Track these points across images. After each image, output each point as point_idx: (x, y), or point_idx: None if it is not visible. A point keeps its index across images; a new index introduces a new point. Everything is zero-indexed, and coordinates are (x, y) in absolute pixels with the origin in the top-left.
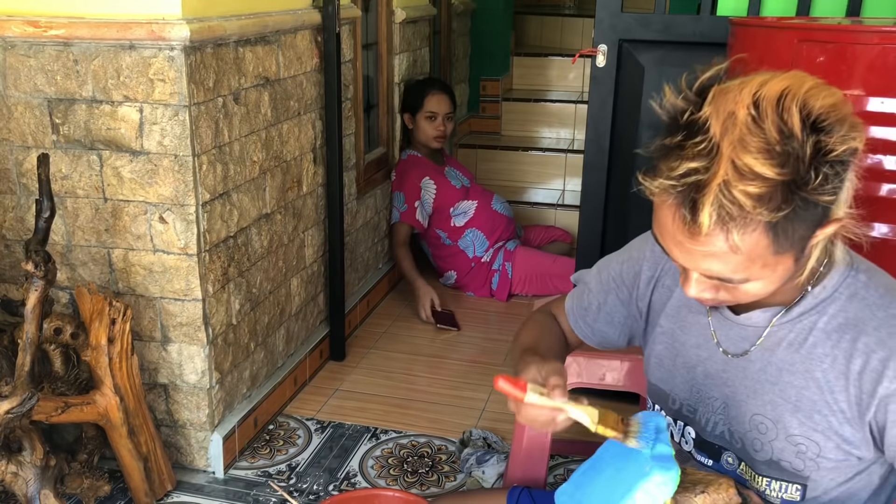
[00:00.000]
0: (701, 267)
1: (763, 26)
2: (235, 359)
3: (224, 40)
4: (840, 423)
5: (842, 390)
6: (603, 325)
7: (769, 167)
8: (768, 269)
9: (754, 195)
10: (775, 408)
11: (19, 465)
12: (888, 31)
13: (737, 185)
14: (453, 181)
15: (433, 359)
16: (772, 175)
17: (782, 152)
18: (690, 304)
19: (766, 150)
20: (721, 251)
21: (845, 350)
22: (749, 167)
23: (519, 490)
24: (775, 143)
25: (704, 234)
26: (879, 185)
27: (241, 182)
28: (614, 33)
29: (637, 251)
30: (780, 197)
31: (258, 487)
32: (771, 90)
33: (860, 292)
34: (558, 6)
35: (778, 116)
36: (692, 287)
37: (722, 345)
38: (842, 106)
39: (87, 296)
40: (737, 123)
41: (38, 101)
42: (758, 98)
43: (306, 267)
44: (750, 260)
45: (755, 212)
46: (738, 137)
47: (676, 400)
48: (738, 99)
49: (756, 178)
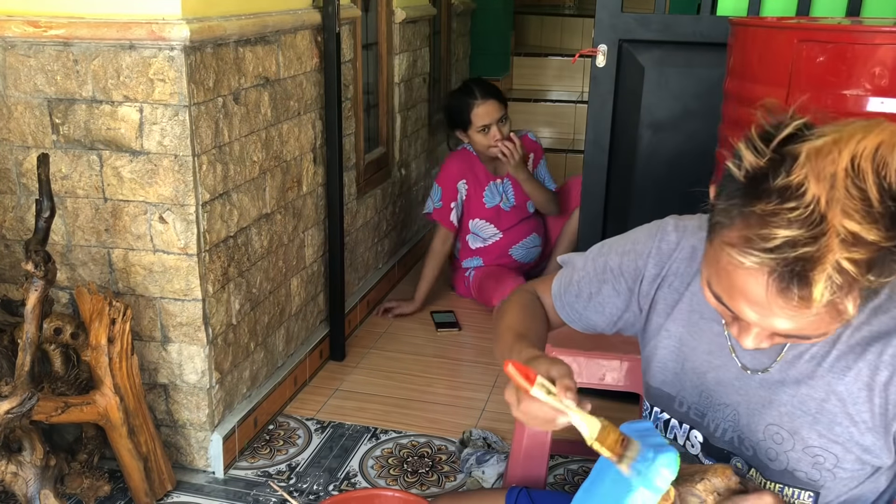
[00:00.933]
0: (779, 329)
1: (763, 26)
2: (235, 359)
3: (224, 40)
4: (861, 434)
5: (865, 401)
6: (592, 313)
7: (875, 232)
8: (839, 324)
9: (861, 262)
10: (793, 420)
11: (19, 465)
12: (888, 31)
13: (843, 254)
14: (488, 198)
15: (433, 359)
16: (878, 239)
17: (885, 213)
18: (703, 310)
19: (867, 212)
20: (812, 319)
21: (870, 362)
22: (853, 233)
23: (517, 490)
24: (877, 203)
25: (814, 308)
26: None
27: (241, 182)
28: (614, 33)
29: (642, 245)
30: (886, 261)
31: (258, 487)
32: (867, 148)
33: (884, 305)
34: (558, 6)
35: (876, 175)
36: (751, 340)
37: (741, 359)
38: None
39: (86, 296)
40: (837, 188)
41: (37, 101)
42: (855, 157)
43: (306, 267)
44: (828, 323)
45: (863, 279)
46: (842, 204)
47: (684, 403)
48: (837, 160)
49: (861, 245)
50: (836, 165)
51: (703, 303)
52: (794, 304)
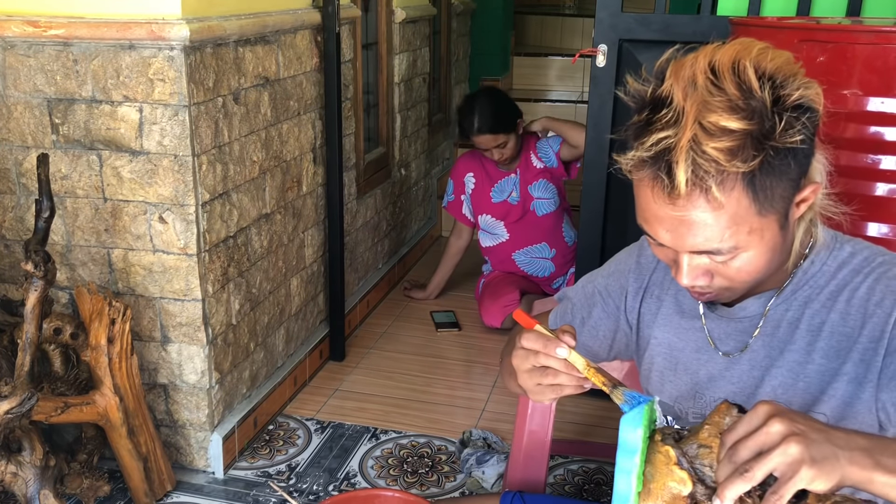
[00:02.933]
0: (687, 242)
1: (763, 26)
2: (235, 359)
3: (224, 40)
4: (853, 388)
5: (847, 352)
6: (587, 338)
7: (735, 121)
8: (755, 237)
9: (726, 149)
10: (786, 390)
11: (19, 466)
12: (888, 31)
13: (708, 143)
14: (496, 194)
15: (433, 359)
16: (739, 127)
17: (745, 107)
18: (683, 309)
19: (729, 107)
20: (704, 215)
21: (841, 311)
22: (716, 124)
23: (511, 495)
24: (737, 99)
25: (685, 194)
26: (879, 185)
27: (240, 182)
28: (614, 33)
29: (623, 263)
30: (751, 147)
31: (258, 487)
32: (724, 56)
33: (847, 261)
34: (558, 6)
35: (735, 76)
36: (685, 274)
37: (720, 347)
38: (791, 63)
39: (86, 296)
40: (697, 88)
41: (37, 101)
42: (713, 64)
43: (306, 267)
44: (735, 223)
45: (730, 165)
46: (702, 100)
47: (683, 409)
48: (696, 66)
49: (724, 134)
50: (695, 69)
51: (682, 302)
52: (668, 196)
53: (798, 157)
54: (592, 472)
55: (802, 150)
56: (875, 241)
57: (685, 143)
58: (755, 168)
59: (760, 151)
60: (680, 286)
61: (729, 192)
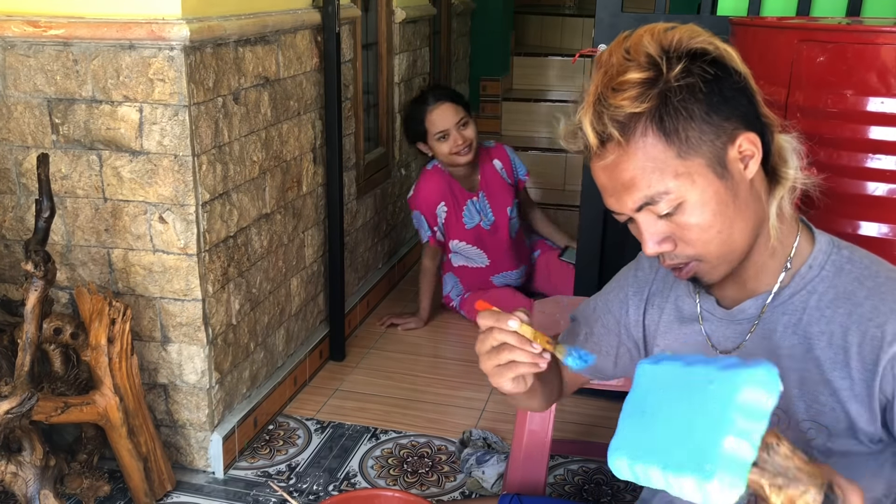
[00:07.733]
0: (624, 199)
1: (763, 26)
2: (235, 359)
3: (224, 40)
4: (847, 401)
5: (843, 366)
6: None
7: (634, 73)
8: (685, 181)
9: (629, 98)
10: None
11: (19, 465)
12: (888, 31)
13: (613, 98)
14: (468, 218)
15: (433, 359)
16: (637, 77)
17: (646, 63)
18: (682, 315)
19: (633, 68)
20: (626, 164)
21: (841, 324)
22: (620, 83)
23: (509, 497)
24: (641, 62)
25: (600, 147)
26: (879, 185)
27: (240, 182)
28: (614, 33)
29: (622, 279)
30: (648, 89)
31: (258, 487)
32: (635, 36)
33: (846, 266)
34: (558, 6)
35: (643, 48)
36: (647, 240)
37: (718, 346)
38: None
39: (86, 296)
40: (612, 62)
41: (37, 101)
42: (629, 46)
43: (306, 267)
44: (657, 167)
45: (632, 106)
46: (614, 71)
47: None
48: (612, 49)
49: (627, 87)
50: (611, 53)
51: (681, 308)
52: (596, 155)
53: (705, 98)
54: (592, 472)
55: (710, 92)
56: (875, 241)
57: (591, 102)
58: (656, 107)
59: (655, 87)
60: (678, 292)
61: (641, 136)
